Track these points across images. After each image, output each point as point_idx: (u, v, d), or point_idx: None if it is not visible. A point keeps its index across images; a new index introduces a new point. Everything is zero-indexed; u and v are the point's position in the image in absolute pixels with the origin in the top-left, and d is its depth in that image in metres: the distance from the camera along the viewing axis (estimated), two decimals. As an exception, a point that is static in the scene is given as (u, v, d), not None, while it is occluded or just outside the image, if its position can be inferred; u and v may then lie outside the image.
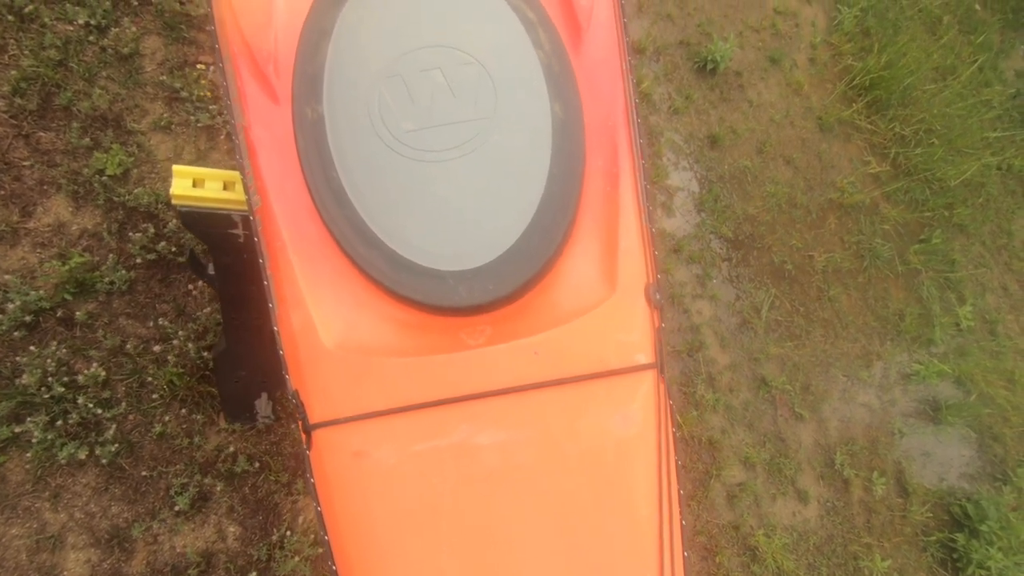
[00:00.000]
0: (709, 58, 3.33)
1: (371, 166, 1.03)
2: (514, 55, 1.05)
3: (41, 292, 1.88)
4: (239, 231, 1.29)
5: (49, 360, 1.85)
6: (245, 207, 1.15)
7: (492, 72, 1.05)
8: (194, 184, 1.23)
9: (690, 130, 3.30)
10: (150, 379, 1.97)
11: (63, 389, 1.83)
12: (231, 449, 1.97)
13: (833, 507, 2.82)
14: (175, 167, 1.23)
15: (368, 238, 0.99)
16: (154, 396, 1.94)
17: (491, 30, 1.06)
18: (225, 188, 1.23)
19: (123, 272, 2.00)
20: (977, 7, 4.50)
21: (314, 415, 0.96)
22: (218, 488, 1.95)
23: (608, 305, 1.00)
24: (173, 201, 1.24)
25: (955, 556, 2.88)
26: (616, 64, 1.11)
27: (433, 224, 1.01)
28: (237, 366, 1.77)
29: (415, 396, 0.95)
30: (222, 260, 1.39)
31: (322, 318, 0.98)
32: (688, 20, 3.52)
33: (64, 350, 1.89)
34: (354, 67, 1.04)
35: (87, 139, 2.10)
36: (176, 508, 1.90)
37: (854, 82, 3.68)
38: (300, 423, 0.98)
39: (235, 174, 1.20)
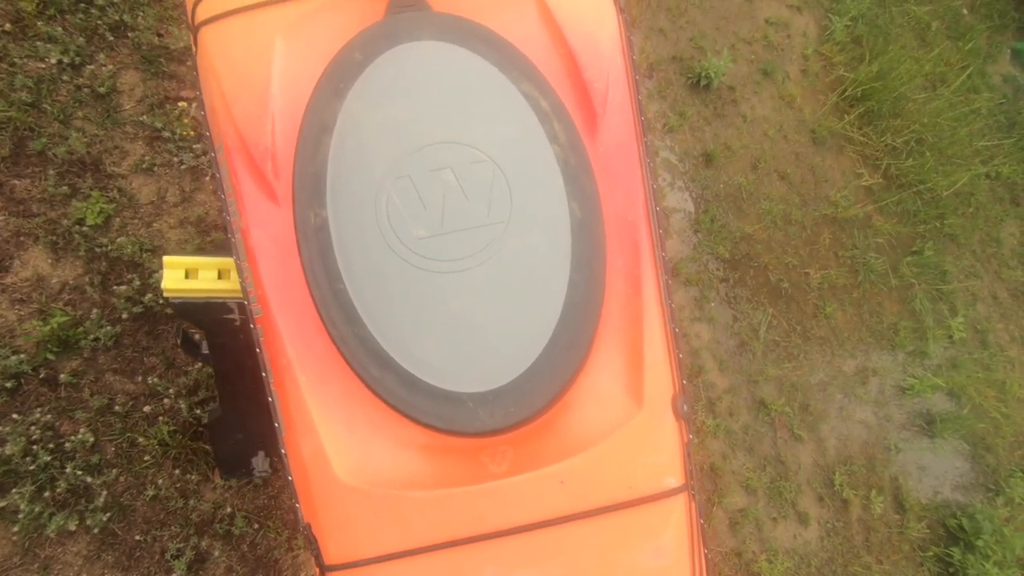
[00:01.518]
0: (703, 74, 3.27)
1: (381, 278, 0.95)
2: (529, 151, 0.98)
3: (22, 355, 1.79)
4: (235, 315, 1.22)
5: (33, 427, 1.76)
6: (241, 295, 1.08)
7: (506, 171, 0.98)
8: (187, 275, 1.15)
9: (685, 148, 3.25)
10: (141, 439, 1.88)
11: (49, 457, 1.75)
12: (228, 509, 1.90)
13: (833, 528, 2.82)
14: (166, 258, 1.15)
15: (381, 359, 0.92)
16: (145, 457, 1.86)
17: (504, 123, 0.98)
18: (220, 277, 1.15)
19: (108, 328, 1.91)
20: (964, 11, 4.48)
21: (329, 555, 0.90)
22: (216, 550, 1.89)
23: (635, 424, 0.94)
24: (165, 294, 1.16)
25: (951, 571, 2.90)
26: (634, 150, 1.04)
27: (449, 341, 0.94)
28: (233, 429, 1.69)
29: (438, 534, 0.89)
30: (217, 341, 1.32)
31: (334, 446, 0.91)
32: (680, 34, 3.45)
33: (49, 415, 1.79)
34: (359, 166, 0.96)
35: (64, 187, 1.99)
36: (173, 573, 1.83)
37: (846, 93, 3.64)
38: (314, 558, 0.91)
39: (230, 261, 1.12)
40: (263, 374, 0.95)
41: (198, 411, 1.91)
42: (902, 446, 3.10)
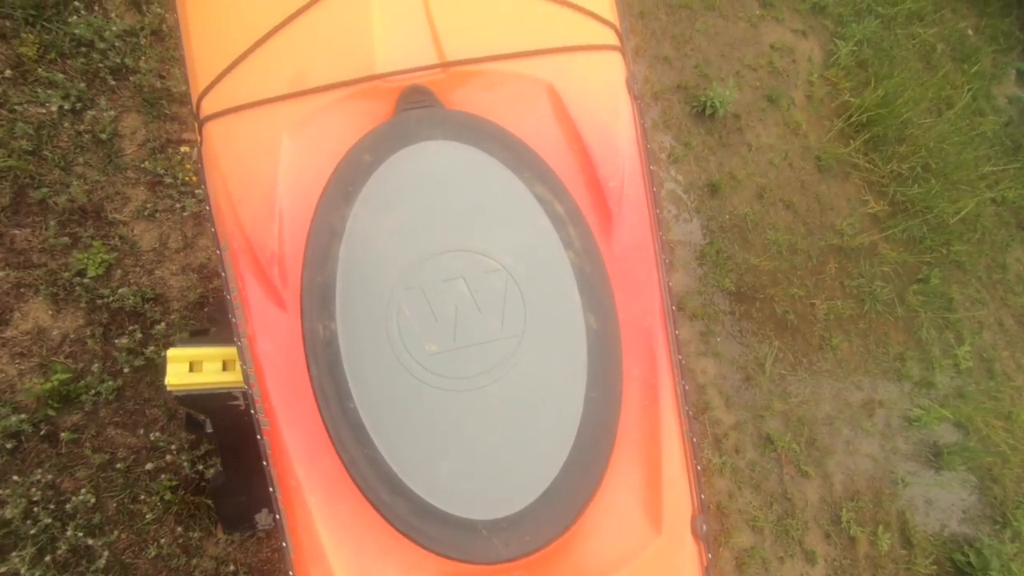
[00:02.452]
0: (708, 103, 3.24)
1: (392, 396, 0.90)
2: (543, 258, 0.95)
3: (23, 415, 1.76)
4: (240, 402, 1.19)
5: (34, 488, 1.73)
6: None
7: (520, 281, 0.95)
8: (191, 368, 1.12)
9: (690, 179, 3.22)
10: (143, 495, 1.86)
11: (50, 519, 1.72)
12: (231, 567, 1.87)
13: (840, 566, 2.79)
14: (170, 352, 1.12)
15: (392, 483, 0.88)
16: (147, 515, 1.83)
17: (517, 229, 0.95)
18: (225, 368, 1.12)
19: (110, 382, 1.88)
20: (969, 32, 4.44)
21: None
22: (219, 607, 1.86)
23: (653, 550, 0.91)
24: (168, 388, 1.13)
25: (959, 607, 2.88)
26: (650, 251, 1.01)
27: (462, 465, 0.90)
28: (237, 492, 1.67)
29: None
30: (222, 423, 1.29)
31: (344, 573, 0.89)
32: (685, 61, 3.42)
33: (50, 474, 1.77)
34: (369, 276, 0.92)
35: (65, 237, 1.96)
36: (176, 632, 1.80)
37: (851, 119, 3.61)
38: None
39: (234, 350, 1.10)
40: (270, 489, 0.92)
41: (200, 466, 1.88)
42: (909, 479, 3.07)
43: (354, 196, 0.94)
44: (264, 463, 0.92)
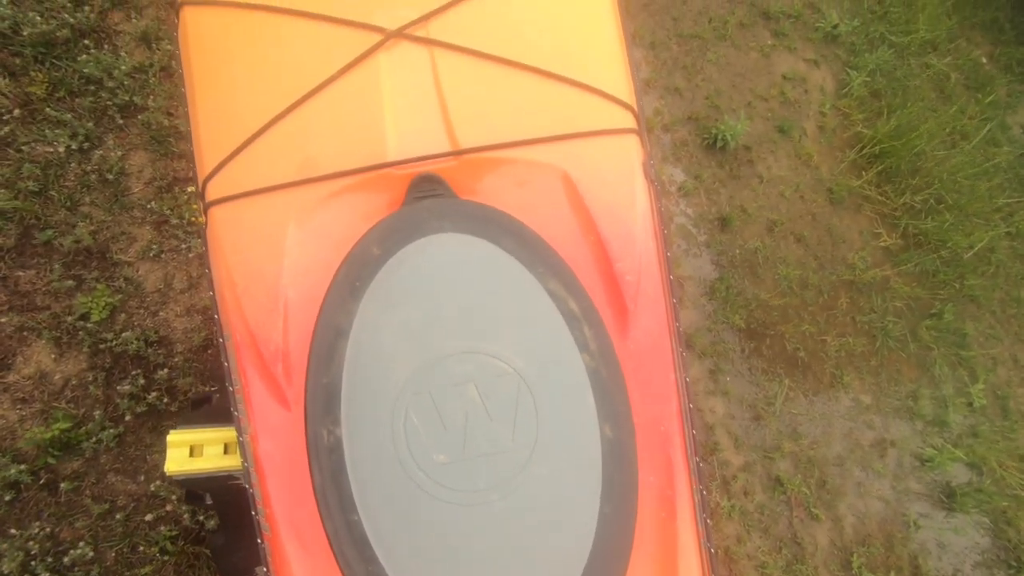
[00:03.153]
0: (719, 136, 3.21)
1: (398, 509, 0.85)
2: (557, 361, 0.91)
3: (23, 466, 1.73)
4: (241, 481, 1.16)
5: (32, 542, 1.70)
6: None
7: (533, 386, 0.91)
8: (191, 453, 1.09)
9: (700, 212, 3.18)
10: (142, 546, 1.83)
11: (48, 574, 1.69)
12: (230, 620, 1.84)
13: (850, 613, 2.73)
14: (170, 437, 1.09)
15: None
16: (146, 568, 1.80)
17: (530, 328, 0.91)
18: (226, 451, 1.09)
19: (111, 430, 1.86)
20: (984, 61, 4.39)
21: None
22: (217, 661, 1.83)
23: None
24: (168, 475, 1.10)
25: (973, 656, 2.81)
26: (667, 349, 0.97)
27: None
28: (236, 550, 1.64)
29: None
30: (222, 498, 1.26)
31: None
32: (696, 92, 3.39)
33: (48, 526, 1.74)
34: (376, 379, 0.89)
35: (70, 280, 1.94)
36: None
37: (864, 151, 3.56)
38: None
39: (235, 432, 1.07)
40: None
41: (200, 517, 1.85)
42: (921, 522, 3.01)
43: (361, 292, 0.91)
44: (264, 570, 0.89)
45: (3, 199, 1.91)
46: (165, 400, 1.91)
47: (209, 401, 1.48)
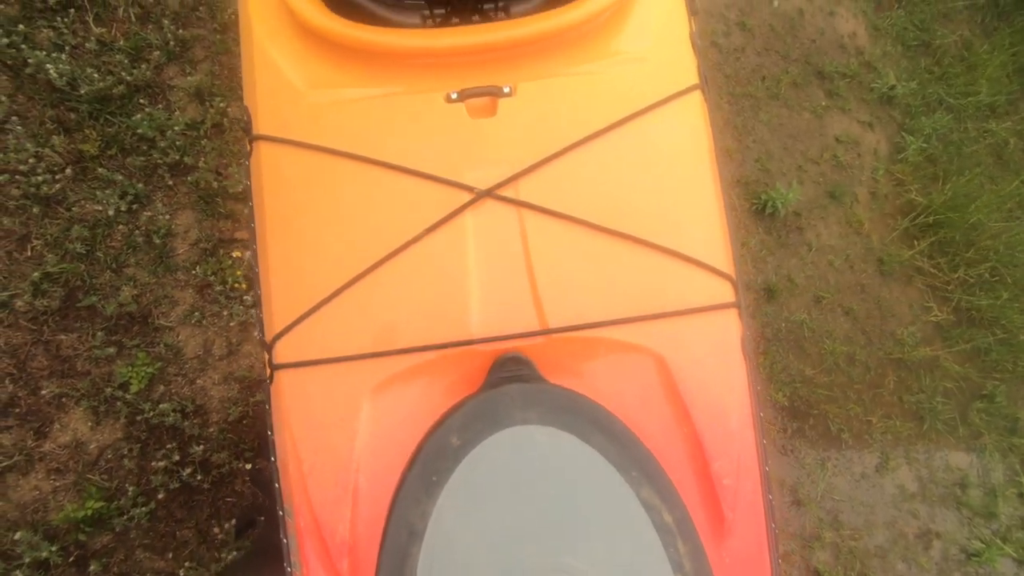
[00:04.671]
0: (769, 202, 3.11)
1: None
2: None
3: (54, 546, 1.70)
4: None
5: (58, 627, 1.67)
6: None
7: None
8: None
9: (746, 281, 3.07)
10: (168, 630, 1.78)
11: (72, 660, 1.65)
12: None
13: None
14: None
15: None
16: (171, 654, 1.75)
17: (620, 542, 0.84)
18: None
19: (143, 507, 1.81)
20: (1045, 125, 4.24)
21: None
22: None
23: None
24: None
25: None
26: (765, 562, 0.89)
27: None
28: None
29: None
30: None
31: None
32: (747, 154, 3.29)
33: (75, 609, 1.70)
34: None
35: (111, 347, 1.91)
36: None
37: (917, 219, 3.44)
38: None
39: None
40: None
41: (228, 603, 1.80)
42: (966, 622, 2.86)
43: (438, 488, 0.83)
44: None
45: (51, 263, 1.89)
46: (199, 476, 1.87)
47: (254, 525, 1.42)
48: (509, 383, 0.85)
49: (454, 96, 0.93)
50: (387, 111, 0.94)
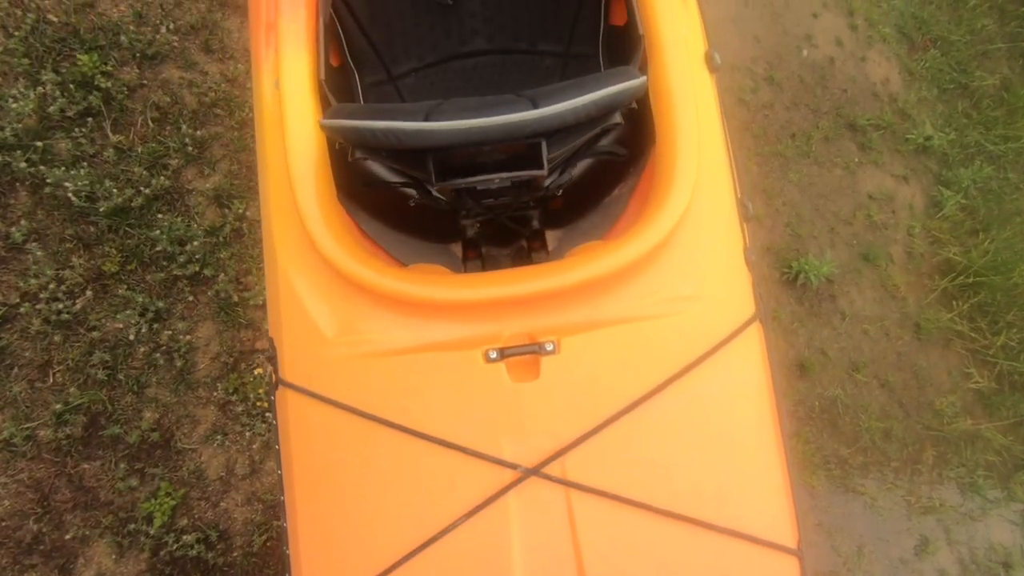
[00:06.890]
0: (800, 272, 2.99)
1: None
2: None
3: None
4: None
5: None
6: None
7: None
8: None
9: (777, 357, 2.96)
10: None
11: None
12: None
13: None
14: None
15: None
16: None
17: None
18: None
19: (168, 649, 1.78)
20: (1089, 169, 4.04)
21: None
22: None
23: None
24: None
25: None
26: None
27: None
28: None
29: None
30: None
31: None
32: (776, 218, 3.16)
33: None
34: None
35: (134, 479, 1.88)
36: None
37: (956, 280, 3.29)
38: None
39: None
40: None
41: None
42: None
43: None
44: None
45: (74, 396, 1.86)
46: (223, 614, 1.83)
47: None
48: None
49: (493, 356, 0.86)
50: (421, 371, 0.87)
